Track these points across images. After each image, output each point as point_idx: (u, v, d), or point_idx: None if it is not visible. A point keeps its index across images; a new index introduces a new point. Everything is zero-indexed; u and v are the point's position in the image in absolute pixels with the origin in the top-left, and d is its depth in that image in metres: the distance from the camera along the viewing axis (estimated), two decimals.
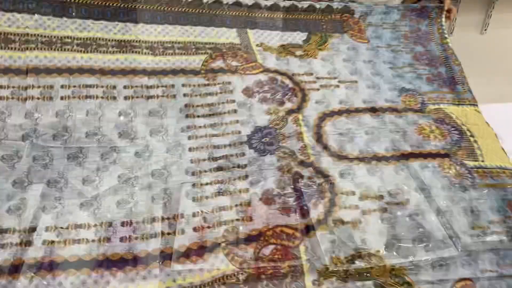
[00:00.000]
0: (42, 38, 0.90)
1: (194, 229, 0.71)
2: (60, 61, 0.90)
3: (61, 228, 0.72)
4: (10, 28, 0.90)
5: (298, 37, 1.11)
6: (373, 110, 1.01)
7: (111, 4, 0.94)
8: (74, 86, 0.89)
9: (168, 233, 0.71)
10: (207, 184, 0.79)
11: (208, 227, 0.72)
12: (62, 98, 0.89)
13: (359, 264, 0.68)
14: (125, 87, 0.90)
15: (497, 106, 1.36)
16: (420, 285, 0.69)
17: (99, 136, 0.86)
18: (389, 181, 0.84)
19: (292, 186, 0.79)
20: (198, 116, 0.90)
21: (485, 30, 2.55)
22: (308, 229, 0.72)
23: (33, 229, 0.71)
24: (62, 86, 0.89)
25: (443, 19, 1.30)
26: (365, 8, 1.19)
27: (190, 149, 0.85)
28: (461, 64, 1.30)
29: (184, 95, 0.92)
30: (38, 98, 0.87)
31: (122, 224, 0.73)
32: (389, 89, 1.11)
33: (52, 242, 0.70)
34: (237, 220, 0.74)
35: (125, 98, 0.90)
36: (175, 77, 0.93)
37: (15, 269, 0.65)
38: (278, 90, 0.97)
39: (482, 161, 0.92)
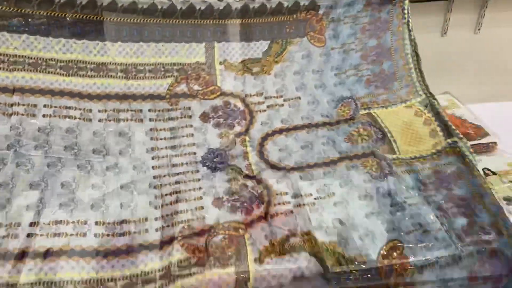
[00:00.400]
0: (28, 59, 0.97)
1: (156, 230, 0.84)
2: (44, 82, 0.98)
3: (44, 223, 0.81)
4: (0, 49, 0.97)
5: (260, 48, 1.10)
6: (309, 127, 1.09)
7: (83, 17, 0.98)
8: (55, 107, 0.98)
9: (134, 232, 0.84)
10: (167, 195, 0.91)
11: (168, 226, 0.86)
12: (44, 115, 0.97)
13: (293, 241, 0.83)
14: (99, 110, 1.00)
15: (492, 105, 1.36)
16: (350, 253, 0.82)
17: (76, 150, 0.95)
18: (318, 182, 0.96)
19: (239, 195, 0.93)
20: (161, 139, 1.01)
21: (479, 29, 2.56)
22: (251, 223, 0.87)
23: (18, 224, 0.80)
24: (44, 106, 0.97)
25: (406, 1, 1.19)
26: (330, 1, 1.12)
27: (153, 167, 0.97)
28: (410, 55, 1.21)
29: (150, 119, 1.02)
30: (22, 114, 0.96)
31: (96, 223, 0.84)
32: (327, 101, 1.13)
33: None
34: (192, 220, 0.87)
35: (99, 120, 1.00)
36: (143, 102, 1.02)
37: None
38: (230, 115, 1.06)
39: (399, 154, 1.02)
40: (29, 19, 0.97)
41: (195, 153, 1.01)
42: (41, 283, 0.74)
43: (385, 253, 0.82)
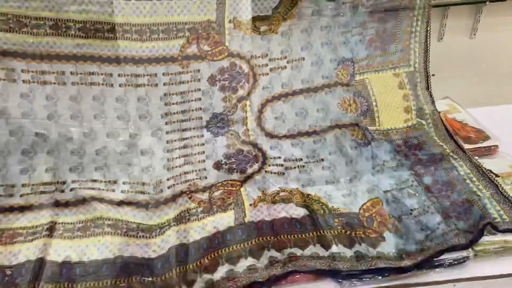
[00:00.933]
0: (49, 21, 0.94)
1: (168, 187, 1.00)
2: (67, 47, 0.98)
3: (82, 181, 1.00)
4: (20, 10, 0.93)
5: (270, 3, 1.08)
6: (307, 91, 1.14)
7: None
8: (81, 73, 1.00)
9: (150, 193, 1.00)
10: (176, 158, 1.03)
11: (177, 183, 1.01)
12: (72, 83, 1.00)
13: (283, 195, 0.99)
14: (119, 75, 1.02)
15: (492, 108, 1.38)
16: (333, 205, 0.98)
17: (103, 119, 1.02)
18: (308, 149, 1.09)
19: (235, 158, 1.05)
20: (173, 104, 1.06)
21: (474, 34, 2.59)
22: (246, 179, 1.03)
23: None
24: (71, 73, 0.99)
25: None
26: None
27: (167, 132, 1.05)
28: (417, 18, 1.24)
29: (164, 84, 1.04)
30: (54, 83, 0.99)
31: (123, 182, 1.01)
32: (330, 60, 1.15)
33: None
34: (196, 179, 1.02)
35: (120, 85, 1.02)
36: (157, 66, 1.04)
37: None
38: (235, 77, 1.09)
39: (379, 126, 1.17)
40: None
41: (201, 118, 1.08)
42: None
43: (365, 207, 0.97)
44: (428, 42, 1.28)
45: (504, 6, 2.40)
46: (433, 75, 1.28)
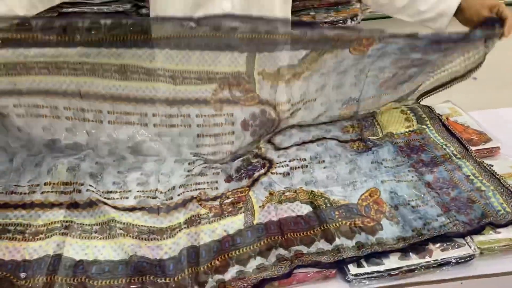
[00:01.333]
0: (86, 65, 1.00)
1: (178, 195, 1.03)
2: (104, 88, 1.04)
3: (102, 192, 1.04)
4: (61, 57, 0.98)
5: (297, 56, 1.10)
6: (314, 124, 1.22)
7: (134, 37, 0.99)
8: (117, 113, 1.07)
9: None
10: (194, 175, 1.08)
11: (188, 191, 1.03)
12: (109, 122, 1.07)
13: (289, 194, 1.01)
14: (153, 114, 1.08)
15: (493, 111, 1.40)
16: (334, 197, 1.01)
17: (137, 156, 1.11)
18: (312, 151, 1.14)
19: (245, 169, 1.09)
20: (204, 146, 1.12)
21: None
22: (253, 182, 1.04)
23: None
24: (108, 112, 1.06)
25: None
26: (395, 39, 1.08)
27: (189, 163, 1.12)
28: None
29: (197, 125, 1.09)
30: (92, 121, 1.07)
31: (137, 191, 1.05)
32: (337, 101, 1.21)
33: None
34: (207, 189, 1.04)
35: (154, 125, 1.09)
36: (191, 107, 1.08)
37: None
38: (265, 124, 1.15)
39: (381, 133, 1.22)
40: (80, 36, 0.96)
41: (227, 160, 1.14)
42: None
43: (363, 197, 1.01)
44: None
45: None
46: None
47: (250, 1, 1.10)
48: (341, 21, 2.28)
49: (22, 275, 0.84)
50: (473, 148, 1.17)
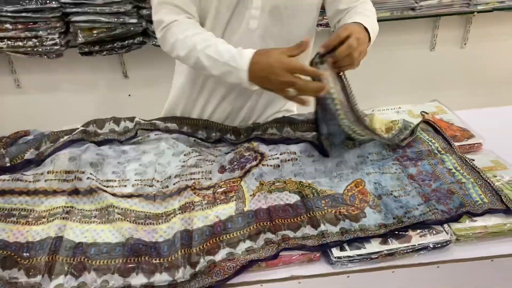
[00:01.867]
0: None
1: (174, 184, 1.09)
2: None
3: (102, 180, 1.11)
4: None
5: None
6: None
7: None
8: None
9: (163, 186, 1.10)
10: (189, 166, 1.14)
11: (182, 180, 1.09)
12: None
13: (278, 185, 1.07)
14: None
15: (478, 111, 1.45)
16: (322, 187, 1.07)
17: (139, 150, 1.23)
18: (302, 145, 1.19)
19: (238, 161, 1.15)
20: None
21: (465, 44, 2.69)
22: (245, 174, 1.11)
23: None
24: None
25: None
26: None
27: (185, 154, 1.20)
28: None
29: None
30: None
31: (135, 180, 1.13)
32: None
33: None
34: (201, 179, 1.10)
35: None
36: None
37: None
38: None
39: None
40: None
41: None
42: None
43: (349, 188, 1.07)
44: None
45: (492, 17, 2.52)
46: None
47: (274, 21, 1.17)
48: None
49: (25, 255, 0.90)
50: (456, 143, 1.22)
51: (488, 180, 1.07)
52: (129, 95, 2.61)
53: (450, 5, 2.39)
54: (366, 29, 1.11)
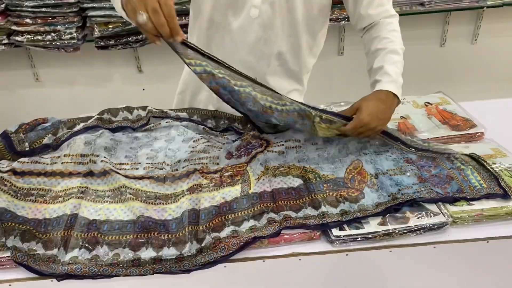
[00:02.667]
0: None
1: (183, 167, 1.14)
2: None
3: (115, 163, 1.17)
4: None
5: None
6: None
7: None
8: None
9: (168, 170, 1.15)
10: (198, 152, 1.20)
11: (191, 164, 1.15)
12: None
13: (282, 169, 1.12)
14: None
15: (482, 102, 1.48)
16: (324, 173, 1.11)
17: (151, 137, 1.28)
18: (305, 133, 1.21)
19: (245, 148, 1.20)
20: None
21: (475, 40, 2.70)
22: (251, 159, 1.15)
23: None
24: None
25: None
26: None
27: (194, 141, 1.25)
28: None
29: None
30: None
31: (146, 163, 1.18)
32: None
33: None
34: (209, 163, 1.16)
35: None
36: None
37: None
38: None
39: None
40: None
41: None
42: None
43: (348, 170, 1.11)
44: None
45: (504, 12, 2.51)
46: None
47: (275, 9, 1.20)
48: (345, 18, 2.39)
49: (43, 229, 0.97)
50: (459, 133, 1.25)
51: (487, 166, 1.09)
52: (143, 89, 2.68)
53: (460, 0, 2.40)
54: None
